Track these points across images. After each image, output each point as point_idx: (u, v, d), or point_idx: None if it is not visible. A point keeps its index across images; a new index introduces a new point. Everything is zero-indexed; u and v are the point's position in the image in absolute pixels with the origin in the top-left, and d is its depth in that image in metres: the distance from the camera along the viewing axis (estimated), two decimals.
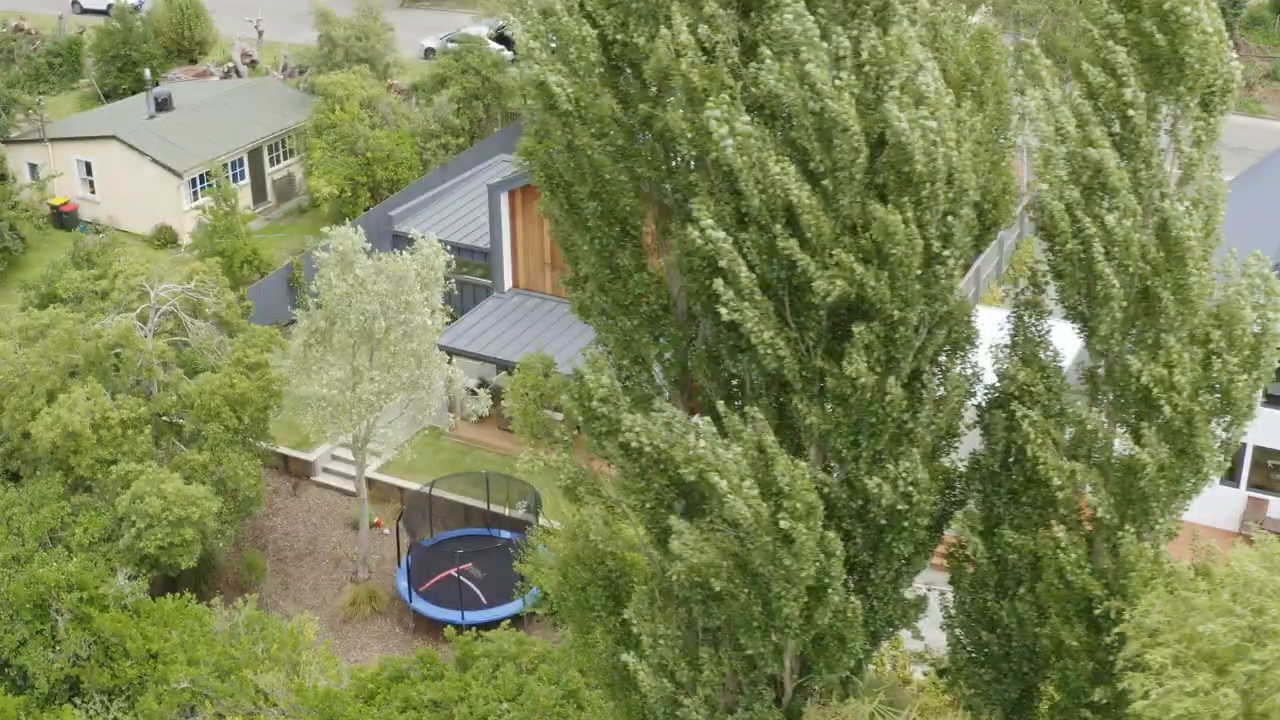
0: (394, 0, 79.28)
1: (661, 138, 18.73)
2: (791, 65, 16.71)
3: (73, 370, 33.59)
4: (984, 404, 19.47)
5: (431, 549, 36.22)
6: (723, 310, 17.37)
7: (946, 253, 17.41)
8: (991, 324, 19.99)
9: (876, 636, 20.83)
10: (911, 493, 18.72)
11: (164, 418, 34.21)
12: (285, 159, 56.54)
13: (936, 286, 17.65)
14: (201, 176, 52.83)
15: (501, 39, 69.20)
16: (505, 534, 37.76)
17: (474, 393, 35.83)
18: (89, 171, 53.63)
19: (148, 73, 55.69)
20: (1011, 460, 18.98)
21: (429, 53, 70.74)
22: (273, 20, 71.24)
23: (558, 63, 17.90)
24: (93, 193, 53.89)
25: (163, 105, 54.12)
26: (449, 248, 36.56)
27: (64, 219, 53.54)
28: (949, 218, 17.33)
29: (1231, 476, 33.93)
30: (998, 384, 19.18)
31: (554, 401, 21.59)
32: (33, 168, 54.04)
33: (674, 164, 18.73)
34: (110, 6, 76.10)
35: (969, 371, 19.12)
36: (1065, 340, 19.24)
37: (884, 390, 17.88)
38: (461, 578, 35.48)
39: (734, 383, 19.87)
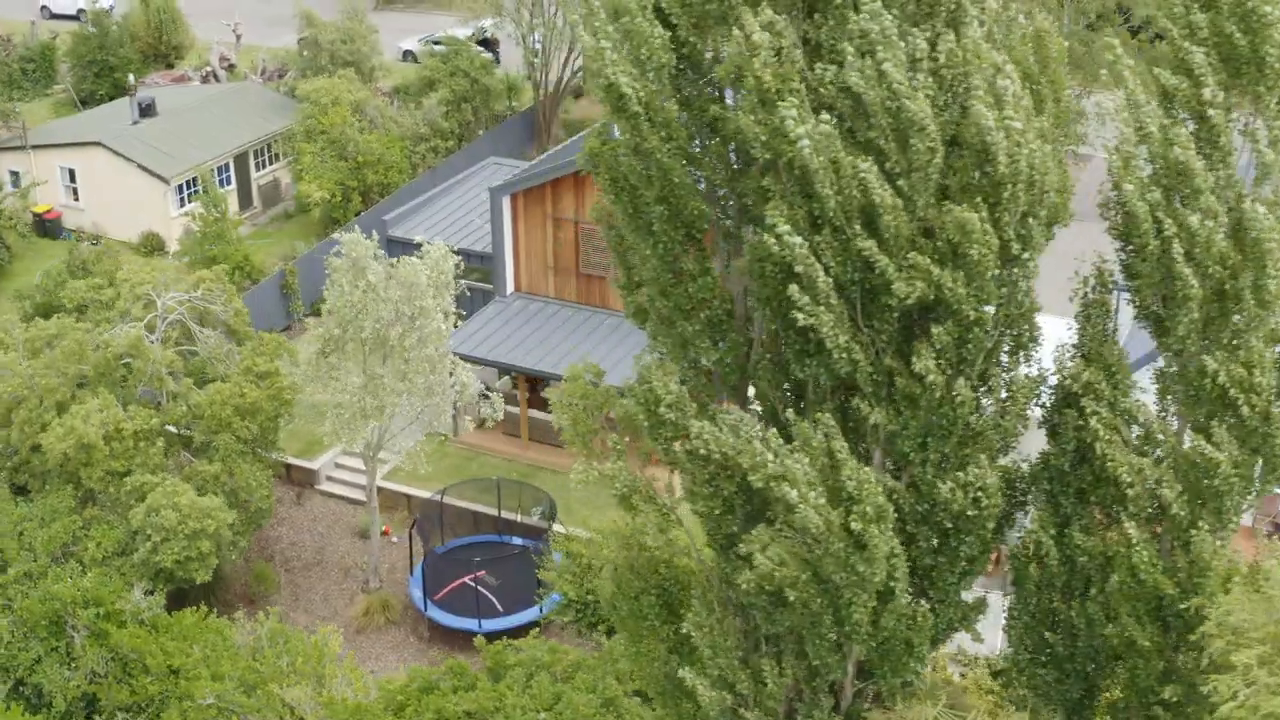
0: (369, 2, 78.67)
1: (729, 140, 18.61)
2: (869, 64, 16.60)
3: (80, 381, 33.01)
4: (1048, 404, 19.44)
5: (445, 557, 35.86)
6: (799, 316, 17.21)
7: (1026, 255, 17.36)
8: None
9: (936, 640, 20.76)
10: (981, 497, 18.67)
11: (173, 429, 33.67)
12: (270, 164, 55.95)
13: (1013, 288, 17.61)
14: (188, 183, 52.17)
15: (484, 43, 68.83)
16: (517, 541, 37.51)
17: (486, 397, 35.51)
18: (73, 178, 52.84)
19: (131, 78, 55.00)
20: (1081, 459, 18.93)
21: (407, 55, 70.25)
22: (248, 24, 70.53)
23: (627, 64, 17.70)
24: (76, 200, 53.09)
25: (146, 111, 53.40)
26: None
27: (47, 227, 52.73)
28: (1028, 219, 17.27)
29: None
30: (1063, 383, 19.15)
31: (605, 410, 21.29)
32: (14, 175, 53.17)
33: (742, 167, 18.60)
34: (80, 12, 75.18)
35: (1033, 372, 19.06)
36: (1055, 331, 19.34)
37: (953, 391, 17.81)
38: (477, 585, 35.15)
39: (793, 387, 19.82)
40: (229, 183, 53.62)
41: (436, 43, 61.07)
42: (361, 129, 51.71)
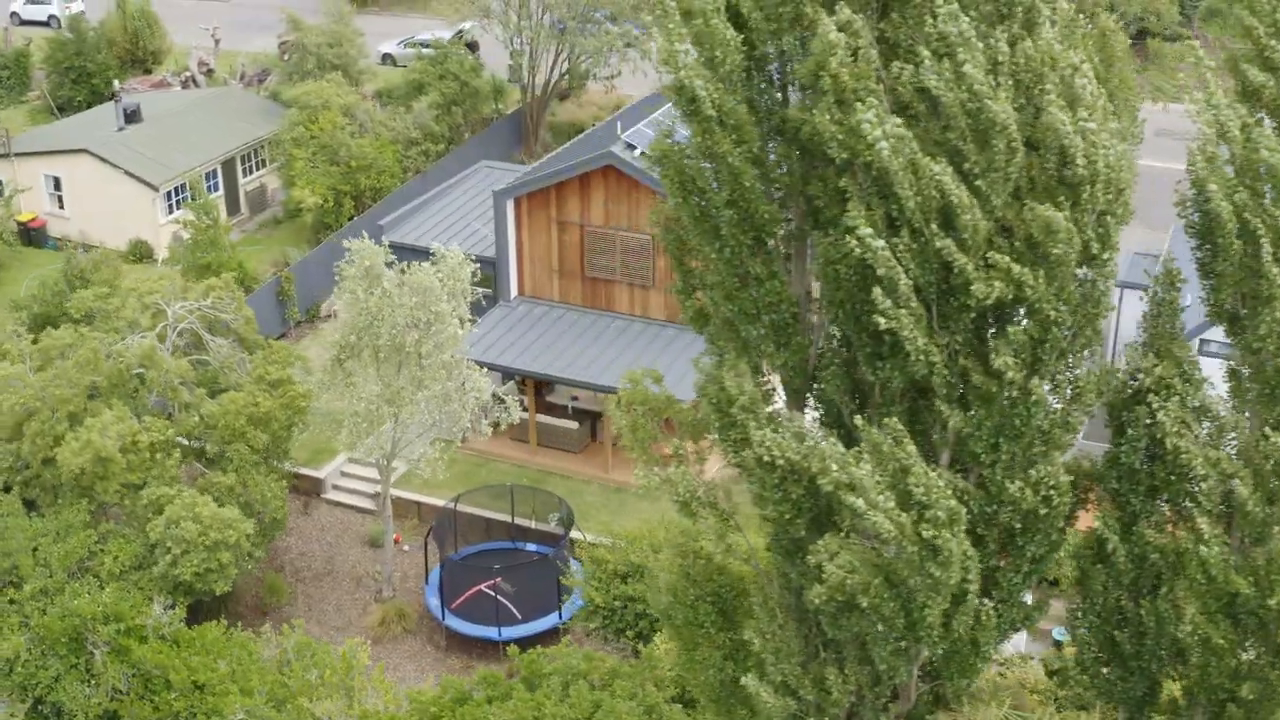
0: (343, 5, 78.01)
1: (804, 143, 18.46)
2: (948, 66, 16.50)
3: (90, 393, 32.45)
4: (1113, 401, 19.41)
5: (460, 564, 35.48)
6: (881, 319, 17.07)
7: (1106, 255, 17.32)
8: None
9: (999, 641, 20.70)
10: (1052, 495, 18.61)
11: (186, 440, 33.15)
12: (257, 169, 55.33)
13: (1090, 288, 17.55)
14: (176, 190, 51.51)
15: (467, 45, 68.39)
16: (531, 547, 37.22)
17: (501, 401, 35.19)
18: (58, 186, 52.03)
19: (116, 84, 54.17)
20: (1151, 456, 18.90)
21: (385, 58, 69.69)
22: (224, 29, 69.74)
23: (700, 67, 17.51)
24: (62, 208, 52.29)
25: (132, 117, 52.67)
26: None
27: (32, 236, 51.92)
28: (1104, 218, 17.21)
29: None
30: (1131, 381, 19.13)
31: (664, 415, 21.09)
32: None
33: (812, 170, 18.45)
34: (51, 18, 74.20)
35: (1100, 370, 19.01)
36: None
37: (1029, 391, 17.74)
38: (494, 593, 34.78)
39: (857, 391, 19.69)
40: (216, 189, 52.95)
41: (425, 45, 60.63)
42: (352, 133, 51.19)
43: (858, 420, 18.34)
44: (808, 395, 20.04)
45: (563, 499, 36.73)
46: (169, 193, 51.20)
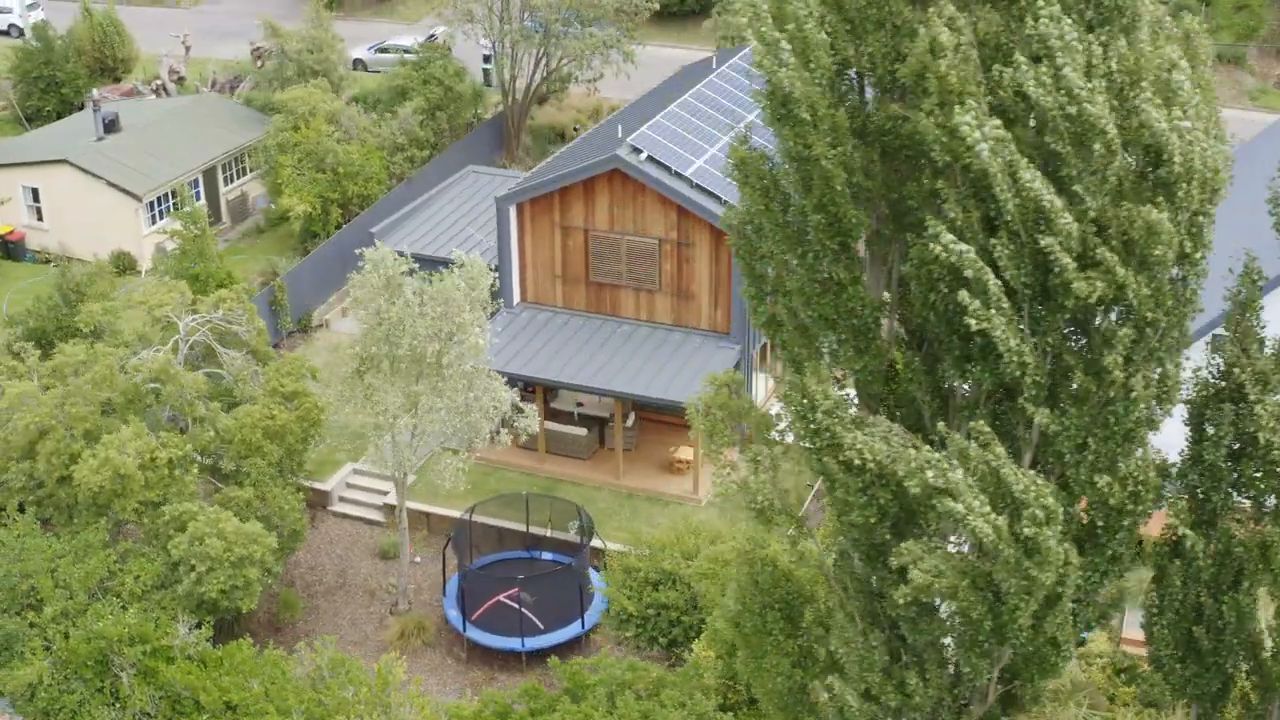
0: (310, 11, 77.18)
1: (886, 145, 18.35)
2: (1047, 69, 16.45)
3: (103, 409, 31.77)
4: (1194, 399, 19.47)
5: (481, 576, 35.04)
6: (971, 321, 17.00)
7: (1198, 254, 17.33)
8: None
9: (1077, 639, 20.69)
10: (1141, 491, 18.63)
11: (201, 455, 32.53)
12: (238, 178, 54.55)
13: (1183, 287, 17.57)
14: (159, 199, 50.67)
15: None
16: (547, 556, 36.88)
17: (520, 410, 34.81)
18: (36, 198, 50.98)
19: (95, 93, 53.23)
20: (1237, 453, 18.95)
21: (357, 64, 68.96)
22: (192, 36, 68.73)
23: (796, 70, 17.35)
24: (40, 220, 51.25)
25: (110, 126, 51.73)
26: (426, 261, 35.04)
27: (10, 248, 50.88)
28: (1198, 217, 17.23)
29: None
30: (1214, 379, 19.19)
31: (745, 420, 20.89)
32: None
33: (897, 173, 18.35)
34: (12, 27, 72.86)
35: (1183, 369, 19.04)
36: None
37: (1130, 389, 17.74)
38: (514, 604, 34.38)
39: (937, 394, 19.61)
40: (198, 198, 52.11)
41: (406, 51, 60.09)
42: (339, 140, 50.57)
43: (940, 425, 18.26)
44: (884, 400, 19.93)
45: (580, 507, 36.41)
46: (151, 203, 50.33)
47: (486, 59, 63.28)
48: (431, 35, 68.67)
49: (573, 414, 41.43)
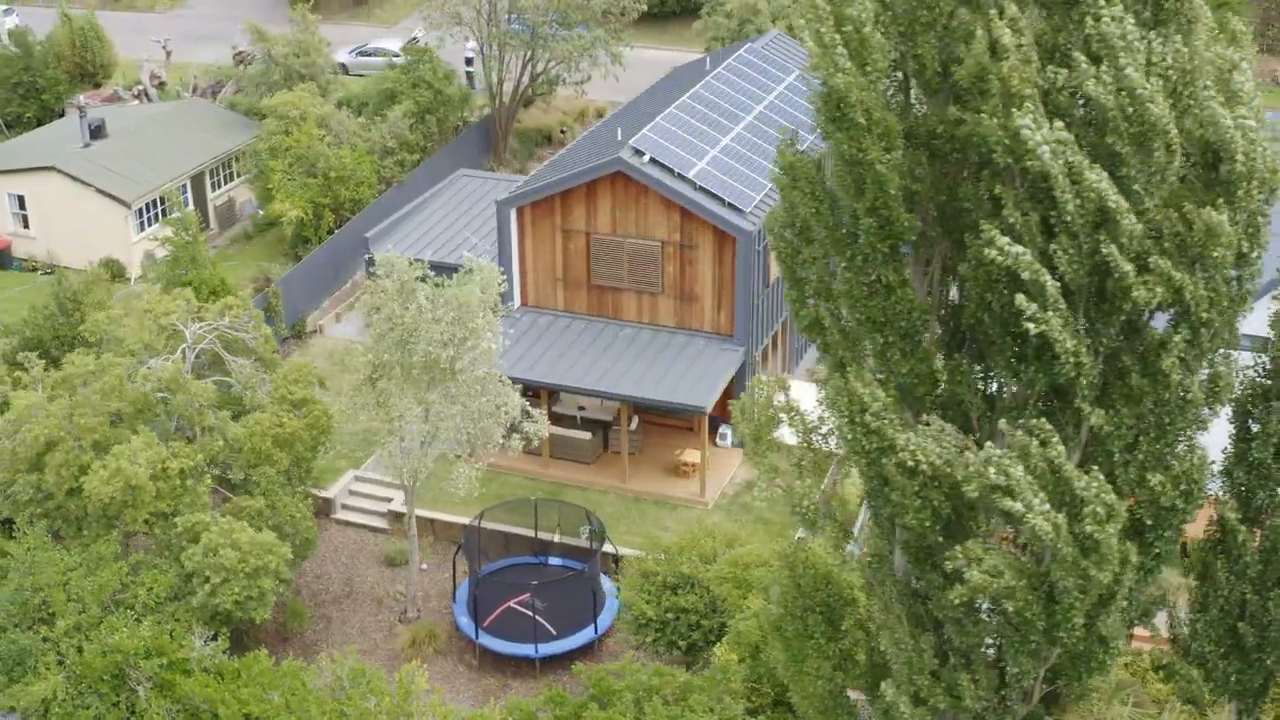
0: (281, 16, 76.65)
1: (934, 148, 18.30)
2: (1108, 68, 16.44)
3: (111, 419, 31.34)
4: (1240, 398, 19.52)
5: (494, 582, 34.78)
6: (1030, 324, 16.97)
7: (1255, 254, 17.37)
8: None
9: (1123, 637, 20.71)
10: (1193, 490, 18.67)
11: (211, 464, 32.16)
12: (225, 183, 54.05)
13: (1240, 288, 17.60)
14: (147, 206, 50.13)
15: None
16: (555, 561, 36.68)
17: (529, 415, 34.57)
18: (22, 205, 50.32)
19: (82, 99, 52.57)
20: None
21: (340, 67, 68.45)
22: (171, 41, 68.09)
23: (853, 74, 17.27)
24: (26, 227, 50.59)
25: (97, 132, 51.12)
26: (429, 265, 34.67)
27: None
28: (1257, 218, 17.26)
29: None
30: (1260, 378, 19.25)
31: (790, 424, 20.79)
32: None
33: (946, 175, 18.31)
34: None
35: (1233, 369, 19.08)
36: None
37: (1186, 389, 17.77)
38: (526, 610, 34.17)
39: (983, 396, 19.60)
40: (186, 204, 51.55)
41: (395, 55, 59.70)
42: (330, 144, 50.16)
43: (1002, 423, 18.22)
44: (927, 403, 19.86)
45: (591, 512, 36.24)
46: (140, 210, 49.79)
47: (469, 61, 63.00)
48: (413, 38, 68.34)
49: (575, 418, 41.23)
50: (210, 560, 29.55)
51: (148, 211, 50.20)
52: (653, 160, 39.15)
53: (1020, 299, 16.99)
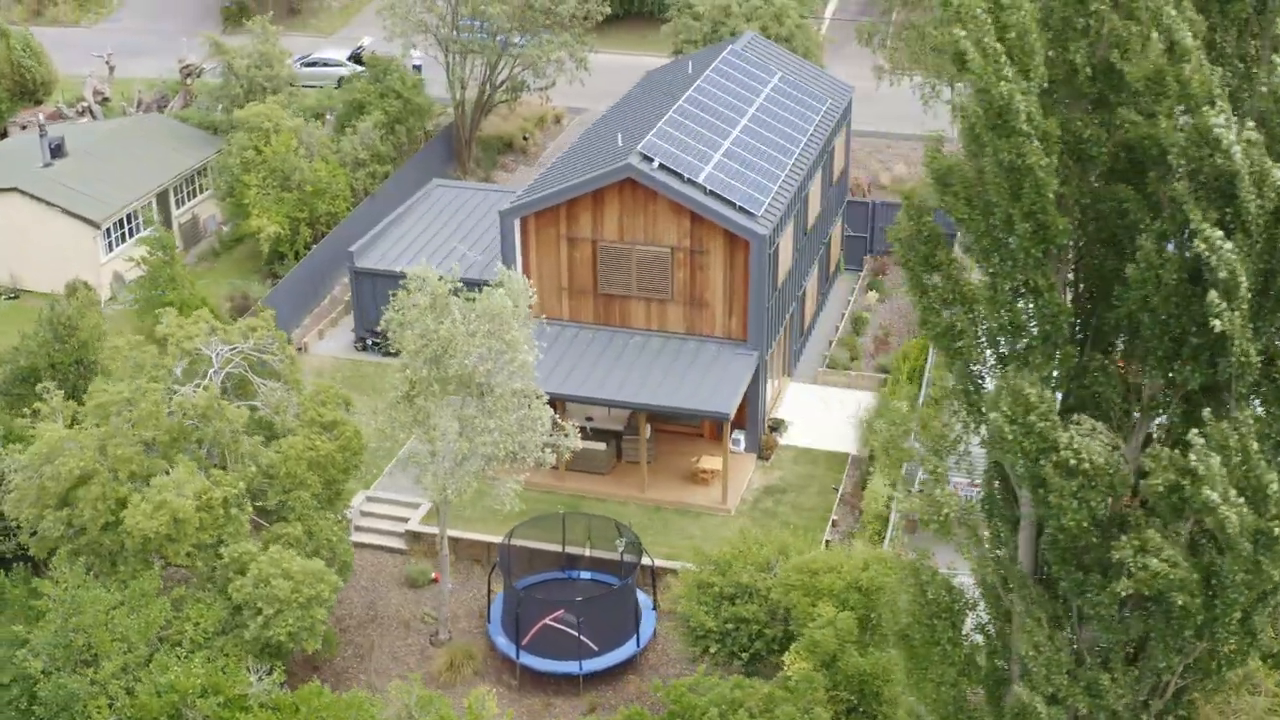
0: (217, 28, 74.92)
1: (1082, 150, 18.28)
2: None
3: (146, 449, 30.19)
4: None
5: (535, 600, 34.07)
6: (1217, 322, 16.98)
7: None
8: None
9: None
10: None
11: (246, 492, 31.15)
12: (189, 200, 52.56)
13: None
14: (115, 225, 48.55)
15: (356, 59, 66.40)
16: (585, 575, 36.16)
17: (560, 427, 34.02)
18: None
19: (41, 117, 50.71)
20: None
21: None
22: (96, 54, 66.04)
23: (1017, 80, 17.15)
24: None
25: (57, 151, 49.37)
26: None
27: None
28: None
29: None
30: None
31: (922, 435, 20.63)
32: None
33: (1108, 178, 18.31)
34: None
35: None
36: None
37: None
38: (563, 627, 33.60)
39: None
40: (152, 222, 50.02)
41: (342, 64, 58.74)
42: (304, 156, 49.00)
43: (1205, 413, 17.99)
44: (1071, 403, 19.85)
45: (625, 525, 35.78)
46: (107, 230, 48.20)
47: (417, 69, 61.99)
48: (359, 47, 67.15)
49: (584, 429, 40.71)
50: (262, 591, 28.61)
51: (115, 231, 48.61)
52: (662, 166, 38.79)
53: (1212, 296, 16.97)
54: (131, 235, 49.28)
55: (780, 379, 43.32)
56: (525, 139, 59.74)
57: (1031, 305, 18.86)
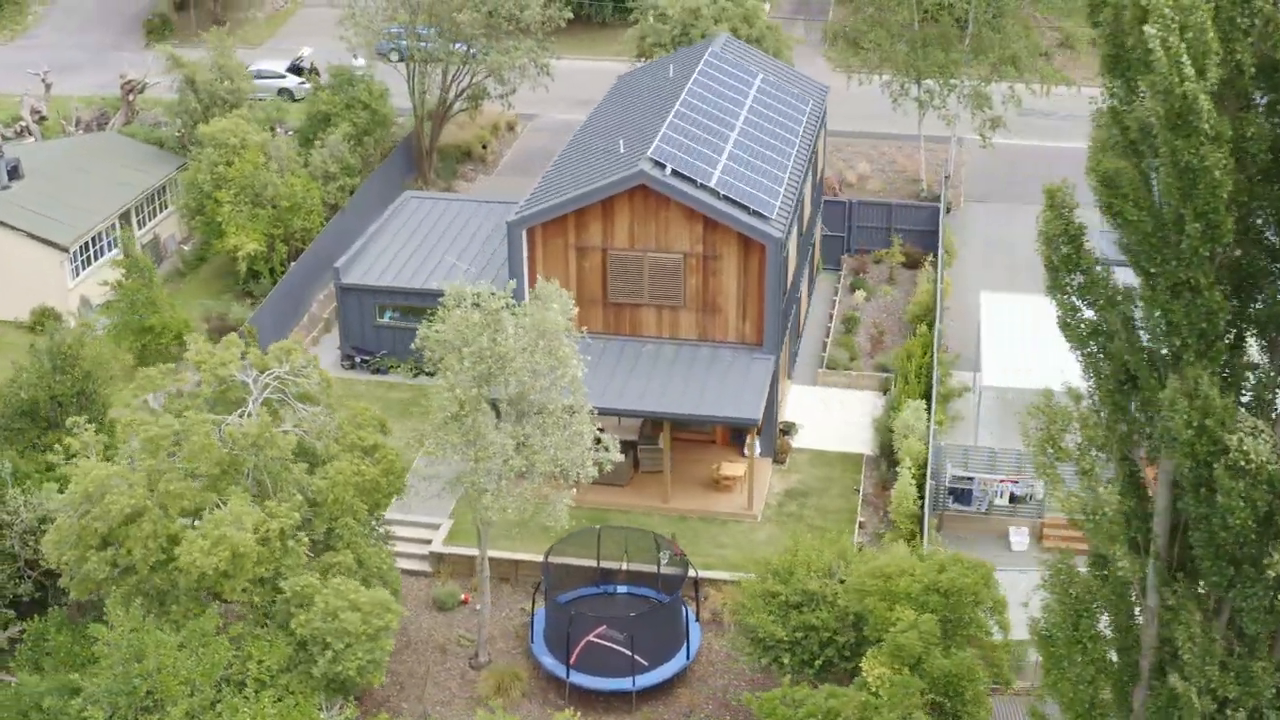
0: (139, 41, 72.78)
1: (1243, 151, 18.39)
2: None
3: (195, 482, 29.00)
4: None
5: (586, 618, 33.39)
6: None
7: None
8: None
9: None
10: None
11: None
12: (150, 219, 50.82)
13: None
14: (80, 249, 46.73)
15: (295, 69, 65.01)
16: (622, 589, 35.62)
17: (599, 441, 33.41)
18: None
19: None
20: None
21: None
22: (21, 71, 63.65)
23: (1198, 81, 17.15)
24: None
25: (13, 173, 47.35)
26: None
27: None
28: None
29: None
30: None
31: (1085, 434, 20.57)
32: None
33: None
34: None
35: None
36: None
37: None
38: (605, 643, 33.04)
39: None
40: (115, 244, 48.30)
41: (282, 75, 57.41)
42: (275, 171, 47.64)
43: None
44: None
45: (665, 537, 35.32)
46: (73, 254, 46.39)
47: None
48: (299, 59, 65.71)
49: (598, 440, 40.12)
50: (331, 625, 27.64)
51: (80, 255, 46.79)
52: (675, 172, 38.40)
53: None
54: (97, 258, 47.52)
55: (783, 381, 43.19)
56: (484, 148, 58.86)
57: (1188, 304, 18.91)
